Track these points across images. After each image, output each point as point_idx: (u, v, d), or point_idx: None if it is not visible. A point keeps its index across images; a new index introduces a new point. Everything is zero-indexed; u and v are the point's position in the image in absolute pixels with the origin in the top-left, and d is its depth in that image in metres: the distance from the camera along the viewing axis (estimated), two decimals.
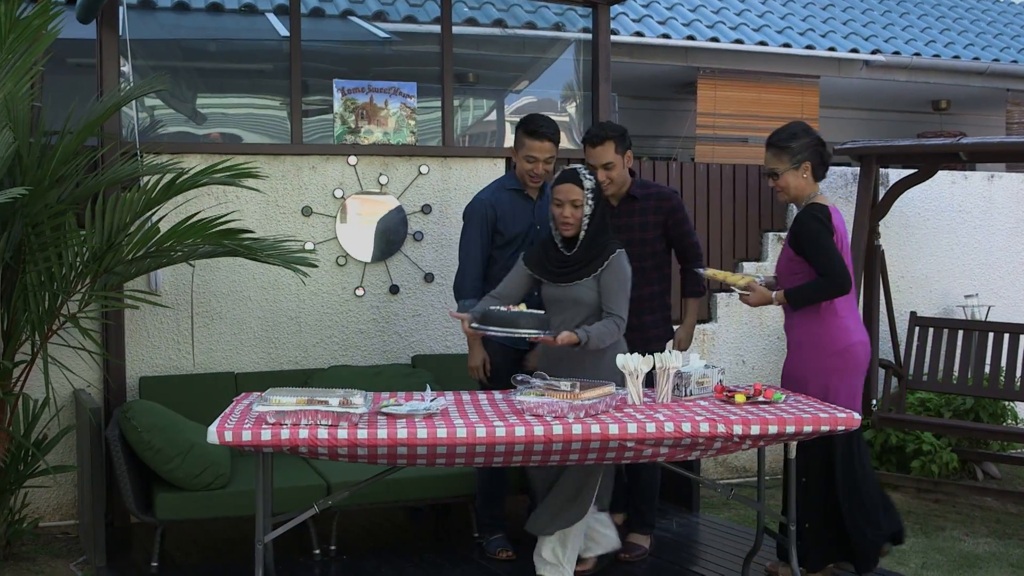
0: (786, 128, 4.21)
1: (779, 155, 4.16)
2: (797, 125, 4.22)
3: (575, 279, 4.09)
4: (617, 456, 3.48)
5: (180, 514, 4.51)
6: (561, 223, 4.09)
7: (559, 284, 4.11)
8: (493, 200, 4.72)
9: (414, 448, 3.26)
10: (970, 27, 11.33)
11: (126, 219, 4.16)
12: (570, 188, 4.06)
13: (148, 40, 6.33)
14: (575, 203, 4.06)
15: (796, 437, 3.55)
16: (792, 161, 4.14)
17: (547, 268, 4.14)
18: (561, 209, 4.07)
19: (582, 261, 4.08)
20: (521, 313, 3.80)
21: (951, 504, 5.99)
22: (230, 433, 3.22)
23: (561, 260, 4.11)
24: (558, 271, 4.11)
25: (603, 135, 4.45)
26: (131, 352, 5.31)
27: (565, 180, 4.08)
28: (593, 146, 4.46)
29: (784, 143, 4.15)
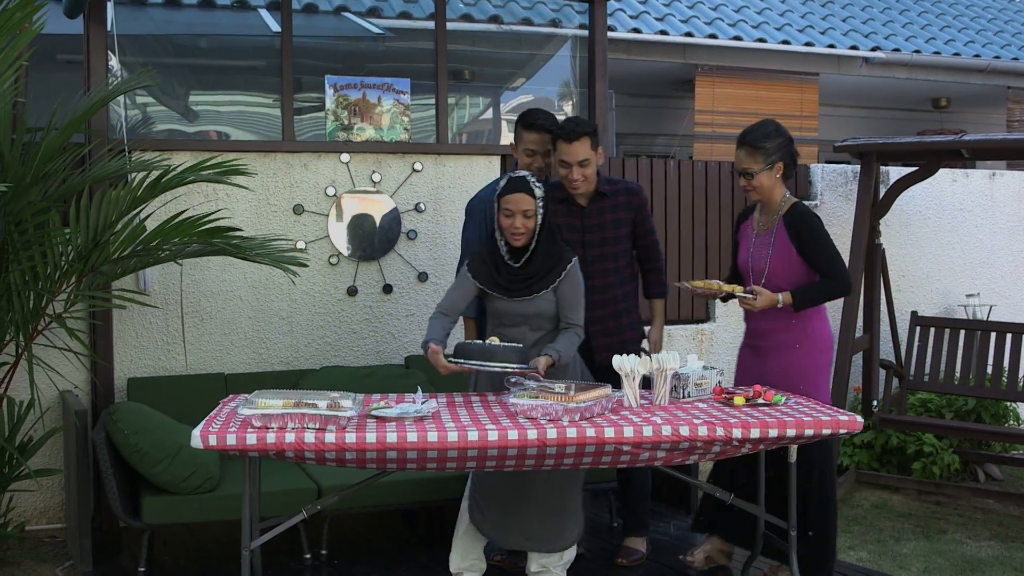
0: (760, 127, 4.15)
1: (753, 154, 4.09)
2: (770, 124, 4.17)
3: (533, 292, 3.95)
4: (613, 460, 3.39)
5: (168, 518, 4.41)
6: (511, 234, 3.91)
7: (514, 299, 3.96)
8: (494, 198, 4.60)
9: (404, 452, 3.17)
10: (970, 24, 11.26)
11: (111, 217, 4.07)
12: (521, 198, 3.87)
13: (138, 36, 6.25)
14: (527, 213, 3.87)
15: (797, 440, 3.46)
16: (767, 161, 4.09)
17: (498, 282, 3.96)
18: (512, 220, 3.88)
19: (539, 273, 3.94)
20: (499, 347, 3.67)
21: (953, 506, 5.90)
22: (214, 437, 3.13)
23: (513, 273, 3.95)
24: (512, 286, 3.95)
25: (579, 130, 4.25)
26: (119, 353, 5.22)
27: (515, 189, 3.89)
28: (568, 142, 4.25)
29: (759, 143, 4.09)
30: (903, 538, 5.27)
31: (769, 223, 4.21)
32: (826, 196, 6.76)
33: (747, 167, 4.11)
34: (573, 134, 4.23)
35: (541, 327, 3.97)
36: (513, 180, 3.93)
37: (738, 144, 4.14)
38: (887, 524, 5.53)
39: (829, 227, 6.72)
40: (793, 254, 4.13)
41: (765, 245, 4.19)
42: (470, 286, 3.99)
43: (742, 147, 4.11)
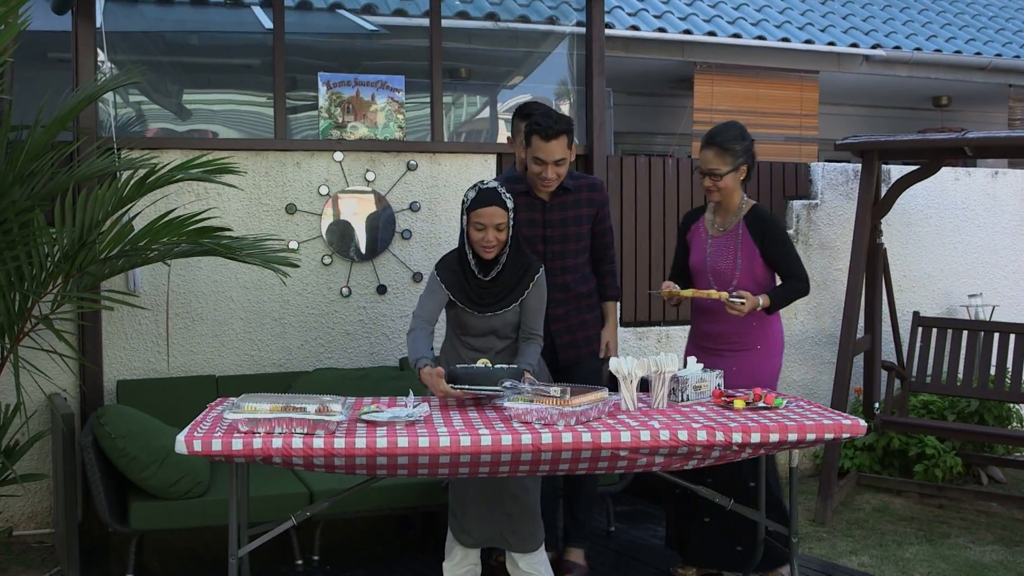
0: (728, 128, 4.15)
1: (723, 155, 4.08)
2: (737, 126, 4.17)
3: (503, 307, 3.89)
4: (609, 466, 3.30)
5: (156, 524, 4.34)
6: (483, 247, 3.80)
7: (485, 314, 3.89)
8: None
9: (394, 458, 3.08)
10: (972, 22, 11.17)
11: (97, 216, 3.97)
12: (494, 211, 3.74)
13: (129, 33, 6.17)
14: (499, 227, 3.76)
15: (799, 445, 3.37)
16: (734, 163, 4.09)
17: (469, 296, 3.88)
18: (484, 233, 3.76)
19: (508, 285, 3.87)
20: (502, 370, 3.59)
21: (955, 510, 5.81)
22: (199, 442, 3.04)
23: (483, 287, 3.87)
24: (483, 300, 3.87)
25: (557, 128, 4.06)
26: (108, 355, 5.14)
27: (488, 202, 3.74)
28: (546, 140, 4.06)
29: (729, 144, 4.08)
30: (906, 542, 5.19)
31: (726, 225, 4.22)
32: (826, 195, 6.68)
33: (715, 168, 4.09)
34: (551, 132, 4.07)
35: (507, 336, 3.96)
36: (484, 192, 3.79)
37: (705, 144, 4.12)
38: (889, 528, 5.45)
39: (829, 226, 6.74)
40: (756, 256, 4.15)
41: (727, 247, 4.19)
42: (443, 295, 3.91)
43: (711, 147, 4.09)
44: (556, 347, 4.28)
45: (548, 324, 4.11)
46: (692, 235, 4.33)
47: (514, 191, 4.04)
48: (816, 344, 6.64)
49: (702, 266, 4.23)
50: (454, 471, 3.23)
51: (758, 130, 9.43)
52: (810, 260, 6.59)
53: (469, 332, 3.94)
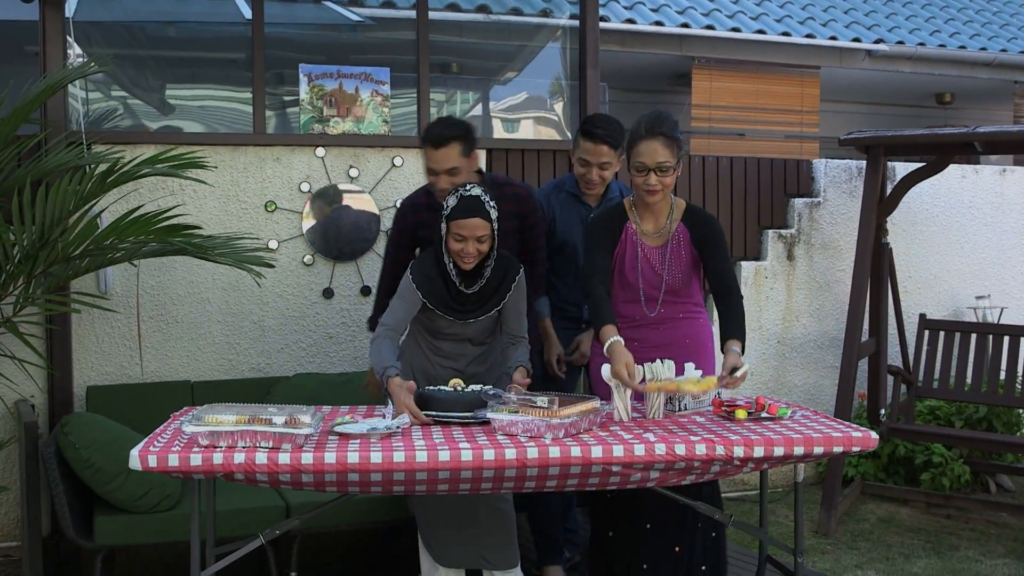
0: (665, 117, 3.60)
1: (671, 146, 3.55)
2: (671, 114, 3.65)
3: (484, 313, 3.67)
4: (601, 482, 3.06)
5: (123, 539, 4.10)
6: (461, 259, 3.53)
7: (465, 320, 3.68)
8: (546, 202, 4.31)
9: (367, 474, 2.84)
10: (976, 17, 10.96)
11: (58, 214, 3.73)
12: (476, 223, 3.45)
13: (104, 24, 5.92)
14: (480, 239, 3.48)
15: (805, 459, 3.13)
16: (679, 155, 3.60)
17: (450, 305, 3.63)
18: (463, 245, 3.48)
19: (488, 290, 3.65)
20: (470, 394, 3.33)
21: (964, 520, 5.59)
22: (154, 458, 2.80)
23: (465, 296, 3.63)
24: (464, 308, 3.64)
25: (447, 134, 3.77)
26: (79, 359, 4.91)
27: (469, 213, 3.45)
28: (435, 147, 3.78)
29: (675, 133, 3.58)
30: (913, 555, 4.96)
31: (661, 231, 3.72)
32: (829, 193, 6.45)
33: (665, 160, 3.54)
34: (440, 139, 3.77)
35: (482, 342, 3.75)
36: (466, 200, 3.48)
37: (648, 134, 3.54)
38: (896, 540, 5.22)
39: (832, 225, 6.51)
40: (691, 262, 3.71)
41: (662, 256, 3.70)
42: (417, 302, 3.64)
43: (656, 137, 3.52)
44: None
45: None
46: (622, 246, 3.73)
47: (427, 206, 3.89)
48: (818, 348, 6.41)
49: (635, 283, 3.71)
50: (432, 488, 2.99)
51: (758, 127, 9.24)
52: (812, 260, 6.37)
53: (442, 338, 3.72)
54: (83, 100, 4.91)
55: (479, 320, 3.67)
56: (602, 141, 4.07)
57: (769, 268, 6.27)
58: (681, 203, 3.76)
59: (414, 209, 4.08)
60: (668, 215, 3.72)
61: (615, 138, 4.07)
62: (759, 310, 6.22)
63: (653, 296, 3.72)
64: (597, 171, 4.13)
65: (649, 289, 3.71)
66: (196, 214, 5.05)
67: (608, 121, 4.11)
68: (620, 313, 3.74)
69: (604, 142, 4.06)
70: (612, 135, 4.07)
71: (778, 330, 6.30)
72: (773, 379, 6.30)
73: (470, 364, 3.70)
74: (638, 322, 3.75)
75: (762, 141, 9.17)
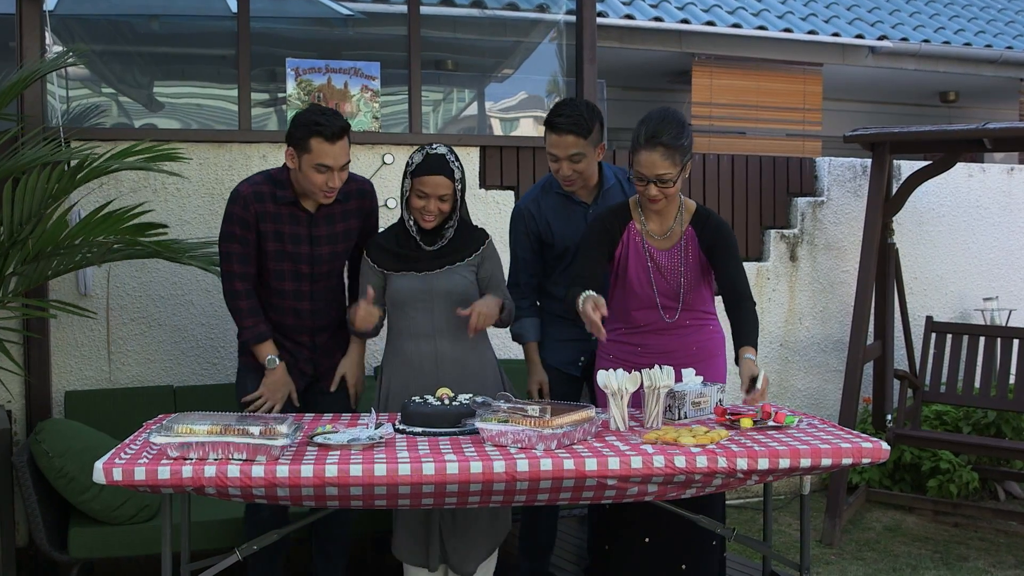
0: (670, 121, 3.34)
1: (671, 156, 3.33)
2: (677, 116, 3.39)
3: (447, 264, 3.54)
4: (596, 496, 2.89)
5: (98, 551, 3.94)
6: (423, 216, 3.49)
7: (426, 272, 3.53)
8: (534, 209, 3.88)
9: (346, 488, 2.66)
10: (981, 14, 10.82)
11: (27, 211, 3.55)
12: (438, 181, 3.42)
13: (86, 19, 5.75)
14: (443, 197, 3.44)
15: (812, 471, 2.96)
16: (683, 162, 3.37)
17: (406, 259, 3.53)
18: (425, 202, 3.45)
19: (453, 247, 3.55)
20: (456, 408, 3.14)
21: (972, 528, 5.41)
22: (119, 471, 2.63)
23: (423, 253, 3.54)
24: (422, 258, 3.53)
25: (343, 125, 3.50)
26: (57, 363, 4.74)
27: (432, 171, 3.42)
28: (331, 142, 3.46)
29: (677, 141, 3.33)
30: (921, 566, 4.79)
31: (668, 233, 3.55)
32: (833, 192, 6.28)
33: (664, 173, 3.33)
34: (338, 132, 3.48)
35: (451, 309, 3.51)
36: (431, 158, 3.47)
37: (647, 144, 3.31)
38: (902, 549, 5.05)
39: (836, 225, 6.34)
40: (700, 266, 3.55)
41: (674, 259, 3.53)
42: (376, 273, 3.59)
43: (655, 148, 3.30)
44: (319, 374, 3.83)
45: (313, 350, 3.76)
46: (624, 248, 3.55)
47: (280, 199, 3.61)
48: (822, 351, 6.23)
49: (648, 287, 3.53)
50: (417, 503, 2.82)
51: (759, 125, 9.08)
52: (816, 261, 6.20)
53: (405, 305, 3.54)
54: (61, 97, 4.74)
55: (446, 276, 3.53)
56: (567, 131, 3.63)
57: (771, 269, 6.11)
58: (691, 204, 3.58)
59: (258, 198, 3.62)
60: (676, 216, 3.55)
61: (582, 125, 3.62)
62: (761, 312, 6.05)
63: (665, 302, 3.56)
64: (568, 165, 3.69)
65: (662, 295, 3.55)
66: (179, 213, 4.88)
67: (572, 107, 3.66)
68: (630, 318, 3.60)
69: (569, 132, 3.63)
70: (578, 122, 3.62)
71: (780, 333, 6.13)
72: (775, 383, 6.13)
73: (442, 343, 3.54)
74: (643, 328, 3.59)
75: (763, 140, 9.02)
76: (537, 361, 3.92)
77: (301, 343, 3.75)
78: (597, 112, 3.72)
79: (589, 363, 3.88)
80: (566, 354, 3.93)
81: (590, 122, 3.65)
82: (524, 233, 3.89)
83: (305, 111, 3.54)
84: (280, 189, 3.61)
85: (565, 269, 3.84)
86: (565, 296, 3.46)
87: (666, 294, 3.54)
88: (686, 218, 3.55)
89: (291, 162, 3.56)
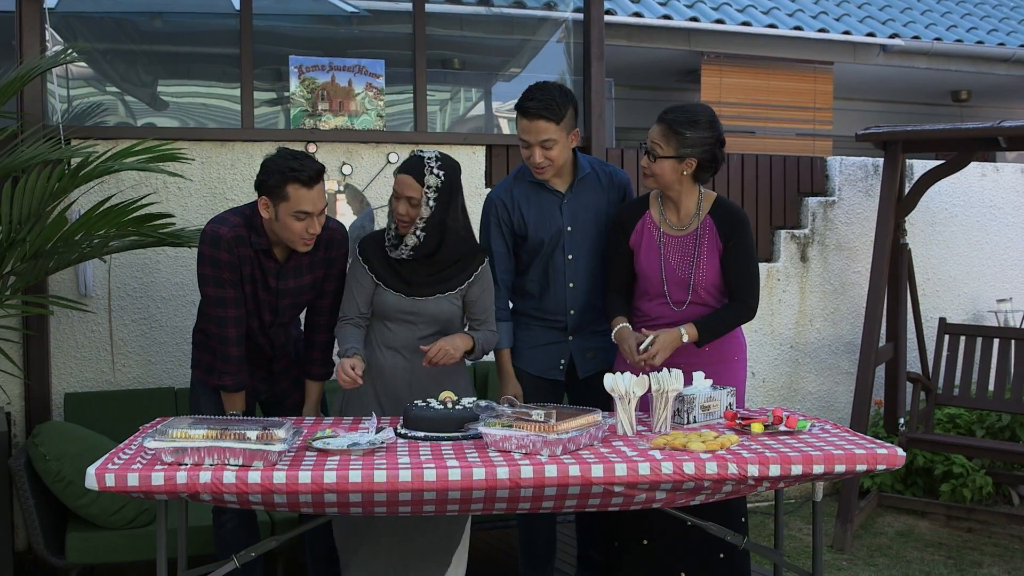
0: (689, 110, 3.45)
1: (667, 136, 3.46)
2: (704, 112, 3.46)
3: (438, 292, 3.45)
4: (602, 503, 2.81)
5: (96, 557, 3.88)
6: (399, 220, 3.40)
7: (416, 298, 3.45)
8: (506, 197, 3.72)
9: (345, 495, 2.59)
10: (993, 12, 10.69)
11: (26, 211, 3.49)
12: (406, 181, 3.34)
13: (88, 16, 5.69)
14: (411, 201, 3.33)
15: (825, 478, 2.87)
16: (678, 150, 3.43)
17: (404, 278, 3.43)
18: (397, 203, 3.38)
19: (446, 271, 3.44)
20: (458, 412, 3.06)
21: (986, 534, 5.32)
22: (112, 476, 2.56)
23: (417, 270, 3.43)
24: (418, 282, 3.43)
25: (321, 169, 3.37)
26: (57, 364, 4.68)
27: (404, 169, 3.37)
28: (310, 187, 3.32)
29: (679, 128, 3.41)
30: (934, 572, 4.71)
31: (686, 222, 3.54)
32: (844, 191, 6.18)
33: (655, 146, 3.43)
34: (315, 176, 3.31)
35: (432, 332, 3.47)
36: (412, 158, 3.41)
37: (658, 118, 3.47)
38: (915, 555, 4.96)
39: (847, 225, 6.25)
40: (718, 259, 3.50)
41: (686, 249, 3.51)
42: (368, 279, 3.48)
43: (659, 123, 3.44)
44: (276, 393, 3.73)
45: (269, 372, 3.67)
46: (643, 236, 3.57)
47: (256, 246, 3.40)
48: (833, 353, 6.14)
49: (656, 274, 3.52)
50: (418, 509, 2.74)
51: (769, 124, 8.98)
52: (827, 261, 6.11)
53: (387, 322, 3.48)
54: (62, 97, 4.68)
55: (434, 303, 3.44)
56: (538, 116, 3.48)
57: (782, 270, 6.02)
58: (711, 195, 3.58)
59: (240, 242, 3.40)
60: (695, 207, 3.54)
61: (554, 110, 3.48)
62: (771, 314, 5.96)
63: (674, 292, 3.51)
64: (540, 151, 3.53)
65: (671, 284, 3.52)
66: (181, 212, 4.81)
67: (544, 90, 3.51)
68: (639, 310, 3.58)
69: (540, 116, 3.48)
70: (549, 107, 3.47)
71: (791, 335, 6.04)
72: (785, 386, 6.04)
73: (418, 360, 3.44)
74: (655, 321, 3.53)
75: (773, 139, 8.92)
76: (510, 371, 3.73)
77: (258, 366, 3.63)
78: (571, 96, 3.57)
79: (570, 364, 3.77)
80: (544, 360, 3.77)
81: (563, 107, 3.51)
82: (496, 224, 3.72)
83: (275, 156, 3.34)
84: (256, 235, 3.41)
85: (540, 265, 3.72)
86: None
87: (675, 282, 3.51)
88: (705, 207, 3.55)
89: (266, 212, 3.33)
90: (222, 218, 3.46)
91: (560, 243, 3.70)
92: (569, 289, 3.72)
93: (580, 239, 3.71)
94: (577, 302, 3.73)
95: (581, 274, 3.73)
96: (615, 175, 3.81)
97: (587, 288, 3.74)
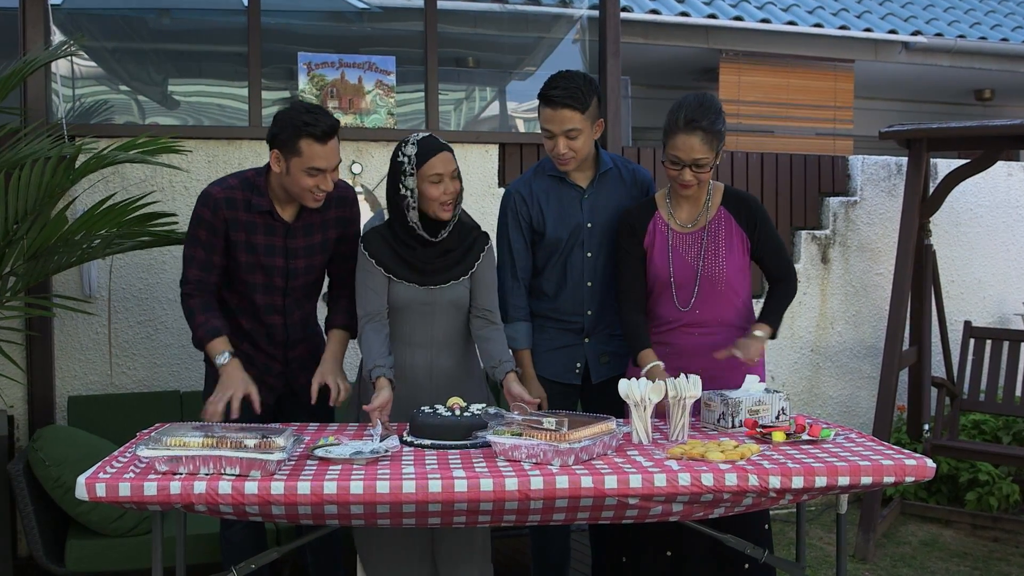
0: (708, 106, 3.27)
1: (710, 141, 3.28)
2: (713, 100, 3.32)
3: (452, 279, 3.31)
4: (616, 515, 2.68)
5: (96, 565, 3.78)
6: (442, 204, 3.20)
7: (431, 287, 3.30)
8: (525, 191, 3.61)
9: (346, 506, 2.47)
10: (1017, 9, 10.54)
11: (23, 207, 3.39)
12: (447, 157, 3.21)
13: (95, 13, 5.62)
14: (454, 173, 3.22)
15: (851, 490, 2.74)
16: (718, 147, 3.32)
17: (416, 268, 3.27)
18: (440, 186, 3.18)
19: (455, 255, 3.30)
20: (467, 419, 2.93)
21: (1013, 544, 5.17)
22: (103, 486, 2.45)
23: (428, 257, 3.27)
24: (431, 270, 3.28)
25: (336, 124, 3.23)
26: (61, 367, 4.60)
27: (439, 149, 3.20)
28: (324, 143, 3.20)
29: (717, 125, 3.27)
30: None
31: (696, 217, 3.44)
32: (866, 191, 6.04)
33: (701, 157, 3.26)
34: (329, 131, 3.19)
35: (449, 319, 3.34)
36: (427, 141, 3.22)
37: (686, 127, 3.24)
38: (940, 566, 4.81)
39: (870, 226, 6.10)
40: (745, 249, 3.42)
41: (706, 243, 3.41)
42: (380, 276, 3.30)
43: (695, 132, 3.23)
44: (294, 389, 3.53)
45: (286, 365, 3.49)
46: (655, 238, 3.45)
47: (255, 208, 3.29)
48: (855, 356, 6.00)
49: (665, 275, 3.41)
50: (423, 522, 2.62)
51: (788, 124, 8.84)
52: (848, 263, 5.97)
53: (403, 313, 3.31)
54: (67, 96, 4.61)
55: (449, 290, 3.30)
56: (563, 105, 3.38)
57: (802, 271, 5.88)
58: (719, 186, 3.48)
59: (230, 204, 3.30)
60: (705, 202, 3.44)
61: (579, 99, 3.37)
62: (791, 316, 5.82)
63: (686, 290, 3.39)
64: (564, 141, 3.43)
65: (681, 281, 3.40)
66: (186, 212, 4.68)
67: (569, 79, 3.40)
68: (652, 313, 3.46)
69: (565, 106, 3.37)
70: (574, 95, 3.37)
71: (811, 338, 5.89)
72: (806, 390, 5.90)
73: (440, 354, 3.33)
74: (670, 323, 3.42)
75: (793, 138, 8.78)
76: (533, 374, 3.59)
77: (274, 357, 3.47)
78: (595, 85, 3.45)
79: (586, 368, 3.64)
80: (560, 363, 3.65)
81: (587, 96, 3.40)
82: (515, 218, 3.60)
83: (289, 109, 3.21)
84: (256, 196, 3.29)
85: (557, 263, 3.60)
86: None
87: (690, 280, 3.40)
88: (716, 200, 3.45)
89: (276, 166, 3.21)
90: (221, 179, 3.39)
91: (579, 240, 3.58)
92: (587, 288, 3.60)
93: (600, 236, 3.58)
94: (595, 302, 3.61)
95: (600, 273, 3.61)
96: (638, 172, 3.70)
97: (606, 287, 3.62)
